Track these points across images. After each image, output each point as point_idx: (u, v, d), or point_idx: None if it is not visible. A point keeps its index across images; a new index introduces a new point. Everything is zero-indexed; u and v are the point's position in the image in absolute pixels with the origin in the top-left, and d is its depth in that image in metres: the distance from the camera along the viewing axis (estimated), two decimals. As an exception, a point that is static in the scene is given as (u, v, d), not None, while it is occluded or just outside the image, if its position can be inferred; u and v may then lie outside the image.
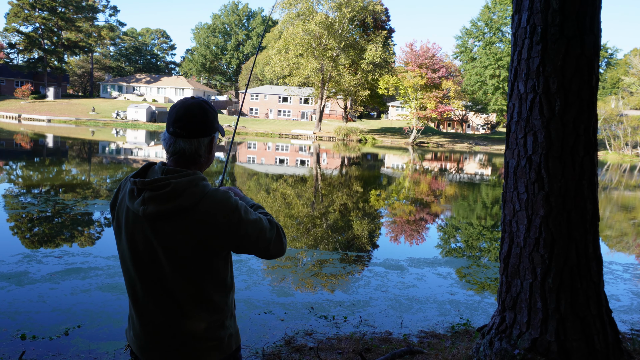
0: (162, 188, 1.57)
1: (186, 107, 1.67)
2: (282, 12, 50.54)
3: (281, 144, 40.83)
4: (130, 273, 1.70)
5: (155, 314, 1.68)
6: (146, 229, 1.62)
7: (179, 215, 1.59)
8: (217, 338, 1.71)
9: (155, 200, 1.57)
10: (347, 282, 6.55)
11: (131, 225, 1.65)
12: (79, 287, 5.69)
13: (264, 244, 1.70)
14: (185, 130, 1.65)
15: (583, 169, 3.10)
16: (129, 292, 1.74)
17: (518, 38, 3.23)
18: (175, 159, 1.68)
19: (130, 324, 1.79)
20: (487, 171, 28.48)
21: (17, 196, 11.80)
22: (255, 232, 1.66)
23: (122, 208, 1.69)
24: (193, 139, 1.66)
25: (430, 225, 11.75)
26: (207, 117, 1.69)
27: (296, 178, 19.60)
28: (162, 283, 1.65)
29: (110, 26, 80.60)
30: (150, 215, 1.59)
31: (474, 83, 58.65)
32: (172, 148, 1.67)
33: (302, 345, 4.33)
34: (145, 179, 1.63)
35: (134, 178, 1.63)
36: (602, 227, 11.68)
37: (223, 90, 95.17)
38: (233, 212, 1.62)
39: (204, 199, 1.60)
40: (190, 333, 1.68)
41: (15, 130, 37.70)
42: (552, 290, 3.10)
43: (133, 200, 1.62)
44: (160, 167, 1.65)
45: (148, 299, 1.68)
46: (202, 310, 1.68)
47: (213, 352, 1.70)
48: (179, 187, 1.57)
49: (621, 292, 6.54)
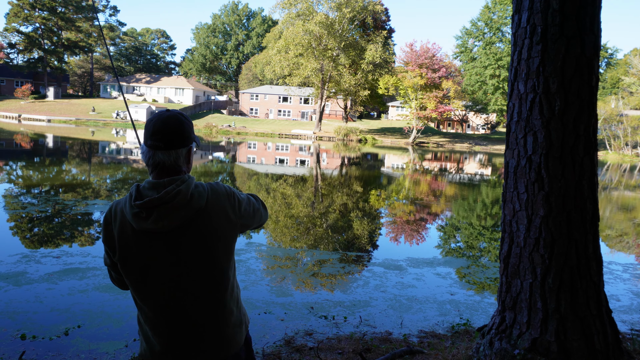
0: (174, 198, 1.63)
1: (163, 120, 1.72)
2: (282, 12, 50.53)
3: (281, 144, 40.82)
4: (155, 291, 1.70)
5: (190, 318, 1.73)
6: (165, 243, 1.66)
7: (195, 218, 1.67)
8: (242, 316, 1.89)
9: (172, 211, 1.63)
10: (347, 282, 6.55)
11: (148, 248, 1.67)
12: (76, 287, 5.69)
13: (258, 215, 1.91)
14: (163, 142, 1.70)
15: (583, 169, 3.10)
16: (155, 309, 1.73)
17: (518, 38, 3.23)
18: (157, 172, 1.72)
19: (152, 342, 1.77)
20: (487, 171, 28.47)
21: (17, 196, 11.80)
22: (250, 207, 1.86)
23: (125, 236, 1.68)
24: (171, 150, 1.71)
25: (429, 225, 11.75)
26: (184, 129, 1.74)
27: (296, 178, 19.60)
28: (194, 286, 1.71)
29: (110, 26, 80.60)
30: (170, 227, 1.64)
31: (474, 83, 58.64)
32: (152, 160, 1.72)
33: (302, 345, 4.33)
34: (142, 200, 1.64)
35: (137, 201, 1.64)
36: (602, 227, 11.67)
37: (223, 90, 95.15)
38: (234, 198, 1.78)
39: (210, 195, 1.71)
40: (227, 322, 1.80)
41: (15, 130, 37.70)
42: (552, 290, 3.10)
43: (144, 222, 1.63)
44: (156, 183, 1.67)
45: (180, 307, 1.71)
46: (231, 296, 1.81)
47: (241, 331, 1.87)
48: (186, 193, 1.65)
49: (621, 292, 6.54)
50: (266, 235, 9.08)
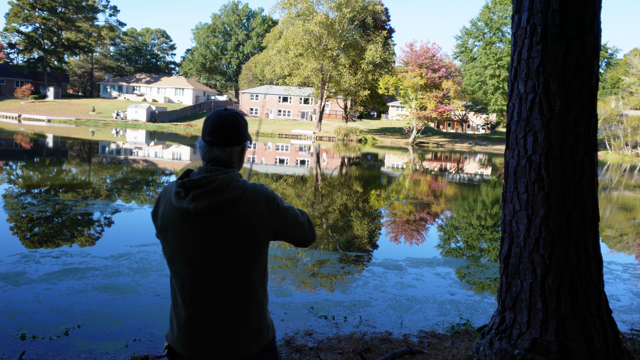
0: (210, 184, 1.73)
1: (221, 118, 1.83)
2: (282, 12, 50.52)
3: (281, 144, 40.82)
4: (180, 271, 1.81)
5: (207, 308, 1.78)
6: (197, 226, 1.75)
7: (227, 208, 1.74)
8: (261, 328, 1.86)
9: (205, 196, 1.72)
10: (347, 282, 6.55)
11: (180, 225, 1.78)
12: (75, 287, 5.68)
13: (300, 229, 1.90)
14: (220, 139, 1.82)
15: (583, 169, 3.10)
16: (178, 291, 1.82)
17: (518, 38, 3.23)
18: (211, 165, 1.83)
19: (173, 325, 1.87)
20: (487, 171, 28.47)
21: (17, 196, 11.80)
22: (292, 217, 1.87)
23: (167, 212, 1.81)
24: (227, 147, 1.83)
25: (429, 225, 11.75)
26: (240, 128, 1.86)
27: (296, 178, 19.60)
28: (214, 277, 1.77)
29: (110, 26, 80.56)
30: (201, 210, 1.72)
31: (474, 83, 58.64)
32: (208, 155, 1.84)
33: (302, 345, 4.32)
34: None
35: (180, 180, 1.77)
36: (602, 227, 11.67)
37: (223, 90, 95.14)
38: (273, 201, 1.82)
39: (247, 191, 1.78)
40: (240, 324, 1.80)
41: (15, 130, 37.70)
42: (552, 290, 3.10)
43: (181, 201, 1.75)
44: (202, 169, 1.80)
45: (200, 294, 1.78)
46: (250, 302, 1.82)
47: (256, 341, 1.83)
48: (224, 182, 1.74)
49: (621, 292, 6.54)
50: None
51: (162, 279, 6.10)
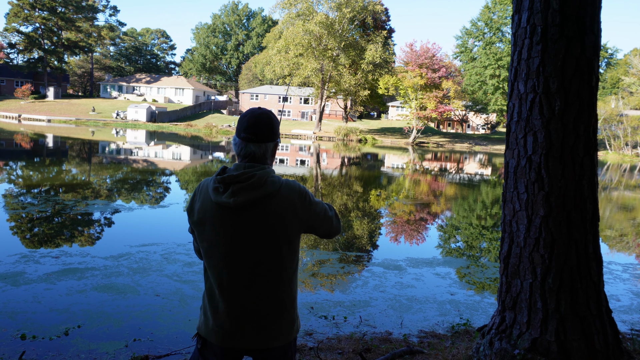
0: (249, 179, 1.83)
1: (256, 116, 1.93)
2: (282, 12, 50.51)
3: (281, 144, 40.82)
4: (218, 264, 1.89)
5: (244, 299, 1.87)
6: (234, 220, 1.85)
7: (264, 202, 1.84)
8: (294, 319, 1.97)
9: (245, 190, 1.82)
10: (347, 282, 6.55)
11: (218, 219, 1.87)
12: (74, 287, 5.68)
13: (329, 222, 2.01)
14: (255, 135, 1.91)
15: (583, 169, 3.10)
16: (216, 284, 1.91)
17: (518, 38, 3.23)
18: (247, 162, 1.92)
19: (208, 316, 1.94)
20: (487, 171, 28.47)
21: (17, 196, 11.79)
22: (322, 211, 1.97)
23: (205, 207, 1.90)
24: (262, 144, 1.92)
25: (429, 225, 11.75)
26: (273, 125, 1.96)
27: (296, 178, 19.60)
28: (250, 269, 1.86)
29: (110, 26, 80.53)
30: (240, 204, 1.82)
31: (474, 83, 58.63)
32: (244, 151, 1.92)
33: (302, 345, 4.32)
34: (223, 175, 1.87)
35: (218, 176, 1.87)
36: (602, 227, 11.67)
37: (223, 90, 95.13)
38: (305, 196, 1.92)
39: (283, 186, 1.88)
40: (276, 315, 1.90)
41: (15, 130, 37.69)
42: (552, 290, 3.10)
43: (220, 196, 1.85)
44: (239, 165, 1.90)
45: (237, 286, 1.88)
46: (284, 293, 1.92)
47: (290, 331, 1.95)
48: (262, 177, 1.84)
49: (621, 292, 6.54)
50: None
51: (161, 279, 6.10)
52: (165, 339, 4.45)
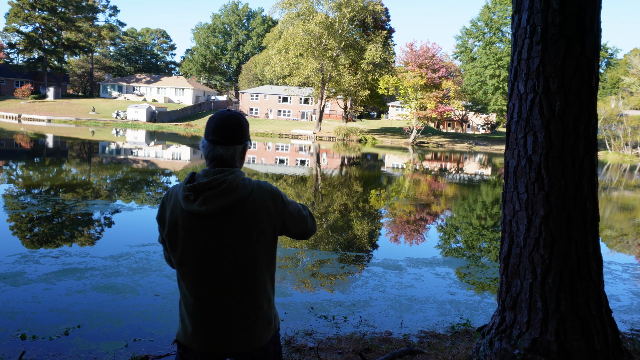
0: (220, 185, 1.79)
1: (224, 118, 1.89)
2: (282, 12, 50.52)
3: (281, 144, 40.82)
4: (193, 271, 1.87)
5: (222, 305, 1.86)
6: (208, 226, 1.82)
7: (238, 206, 1.81)
8: (271, 318, 1.97)
9: (217, 197, 1.78)
10: (347, 282, 6.55)
11: (190, 227, 1.83)
12: (73, 287, 5.68)
13: (304, 222, 1.99)
14: (224, 138, 1.87)
15: (583, 169, 3.10)
16: (191, 291, 1.88)
17: (518, 38, 3.23)
18: (215, 164, 1.89)
19: (186, 323, 1.92)
20: (487, 171, 28.47)
21: (17, 196, 11.79)
22: (296, 211, 1.96)
23: (175, 216, 1.86)
24: (230, 146, 1.89)
25: (429, 225, 11.75)
26: (242, 127, 1.93)
27: (296, 178, 19.60)
28: (227, 274, 1.84)
29: (110, 26, 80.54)
30: (213, 211, 1.78)
31: (474, 83, 58.63)
32: (211, 154, 1.89)
33: (302, 345, 4.32)
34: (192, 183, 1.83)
35: (187, 184, 1.82)
36: (602, 227, 11.67)
37: (223, 90, 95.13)
38: (278, 197, 1.90)
39: (255, 188, 1.86)
40: (254, 316, 1.89)
41: (15, 130, 37.69)
42: (552, 290, 3.10)
43: (191, 204, 1.81)
44: (208, 171, 1.85)
45: (214, 291, 1.85)
46: (262, 294, 1.91)
47: (268, 330, 1.95)
48: (233, 182, 1.81)
49: (621, 292, 6.54)
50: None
51: (161, 279, 6.10)
52: (165, 339, 4.45)
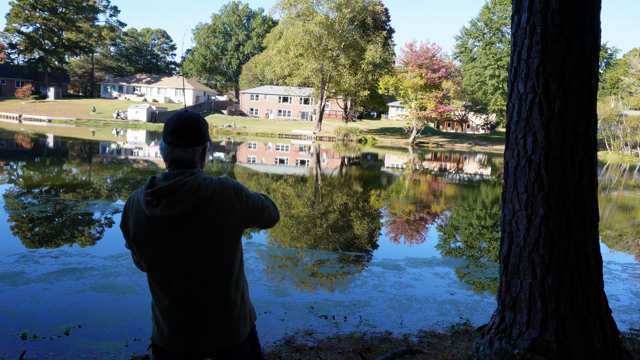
0: (181, 187, 1.76)
1: (182, 119, 1.85)
2: (282, 12, 50.52)
3: (281, 144, 40.82)
4: (164, 276, 1.85)
5: (195, 305, 1.85)
6: (175, 229, 1.80)
7: (202, 206, 1.79)
8: (246, 312, 1.97)
9: (180, 200, 1.76)
10: (347, 281, 6.56)
11: (157, 233, 1.81)
12: (72, 287, 5.68)
13: (267, 212, 1.99)
14: (182, 140, 1.83)
15: (583, 169, 3.10)
16: (164, 295, 1.87)
17: (518, 38, 3.23)
18: (174, 167, 1.85)
19: (161, 326, 1.91)
20: (487, 171, 28.47)
21: (18, 196, 11.80)
22: (259, 203, 1.95)
23: (140, 222, 1.83)
24: (189, 148, 1.84)
25: (429, 225, 11.75)
26: (201, 128, 1.88)
27: (296, 178, 19.60)
28: (199, 274, 1.83)
29: (111, 26, 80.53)
30: (177, 214, 1.76)
31: (473, 83, 58.66)
32: (170, 156, 1.84)
33: (302, 344, 4.33)
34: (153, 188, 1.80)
35: (148, 189, 1.79)
36: (602, 227, 11.68)
37: (223, 91, 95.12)
38: (241, 191, 1.88)
39: (217, 187, 1.82)
40: (230, 313, 1.89)
41: (16, 130, 37.70)
42: (552, 290, 3.11)
43: (154, 209, 1.77)
44: (168, 174, 1.81)
45: (188, 293, 1.84)
46: (235, 291, 1.90)
47: (245, 325, 1.95)
48: (194, 183, 1.77)
49: (620, 292, 6.54)
50: (266, 235, 9.09)
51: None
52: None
